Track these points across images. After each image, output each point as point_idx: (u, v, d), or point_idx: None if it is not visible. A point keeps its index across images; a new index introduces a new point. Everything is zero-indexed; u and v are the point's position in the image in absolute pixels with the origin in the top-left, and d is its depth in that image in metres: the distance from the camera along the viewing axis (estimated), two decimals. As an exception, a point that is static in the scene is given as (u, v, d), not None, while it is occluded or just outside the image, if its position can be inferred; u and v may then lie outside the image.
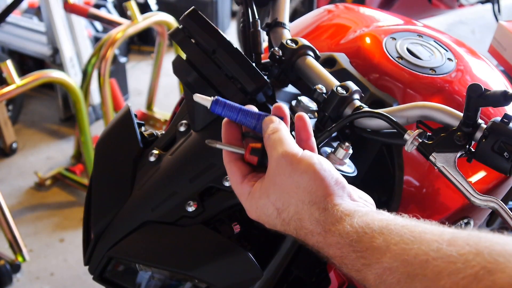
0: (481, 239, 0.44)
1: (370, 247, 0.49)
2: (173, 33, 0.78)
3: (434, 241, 0.46)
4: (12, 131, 2.75)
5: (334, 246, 0.52)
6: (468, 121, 0.68)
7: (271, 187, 0.58)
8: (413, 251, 0.46)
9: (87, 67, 2.41)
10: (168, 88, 3.32)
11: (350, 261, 0.51)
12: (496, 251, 0.42)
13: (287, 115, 0.65)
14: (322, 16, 1.19)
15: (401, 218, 0.52)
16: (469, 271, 0.41)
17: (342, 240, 0.52)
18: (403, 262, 0.46)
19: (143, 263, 0.79)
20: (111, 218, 0.79)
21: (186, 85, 0.77)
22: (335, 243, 0.52)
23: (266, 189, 0.58)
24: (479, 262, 0.41)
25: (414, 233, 0.48)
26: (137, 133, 0.83)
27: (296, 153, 0.57)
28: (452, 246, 0.44)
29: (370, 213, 0.53)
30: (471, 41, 3.75)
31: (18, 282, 2.10)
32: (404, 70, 0.96)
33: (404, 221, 0.51)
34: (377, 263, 0.48)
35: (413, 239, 0.47)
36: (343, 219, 0.53)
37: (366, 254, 0.49)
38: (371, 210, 0.55)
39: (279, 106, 0.65)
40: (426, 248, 0.46)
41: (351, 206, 0.55)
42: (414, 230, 0.49)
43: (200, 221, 0.76)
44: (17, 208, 2.46)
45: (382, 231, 0.50)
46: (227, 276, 0.74)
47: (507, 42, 1.44)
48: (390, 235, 0.49)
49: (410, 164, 0.91)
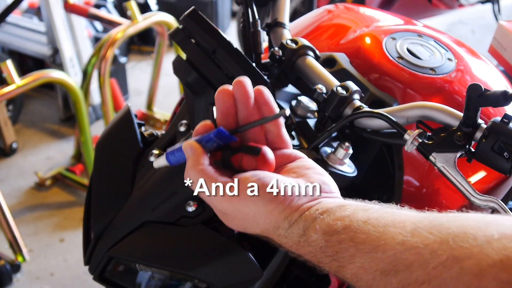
0: (444, 225, 0.44)
1: (340, 250, 0.50)
2: (173, 33, 0.78)
3: (398, 233, 0.46)
4: (12, 131, 2.75)
5: (308, 254, 0.53)
6: (468, 121, 0.68)
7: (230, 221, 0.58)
8: (380, 248, 0.47)
9: (87, 67, 2.41)
10: (168, 88, 3.32)
11: (326, 264, 0.51)
12: (459, 237, 0.42)
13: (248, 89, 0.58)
14: (322, 16, 1.19)
15: (362, 209, 0.51)
16: (437, 260, 0.42)
17: (312, 248, 0.52)
18: (373, 259, 0.47)
19: (143, 263, 0.79)
20: (111, 218, 0.79)
21: (186, 85, 0.77)
22: (308, 252, 0.53)
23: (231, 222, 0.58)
24: (445, 251, 0.42)
25: (377, 228, 0.48)
26: (137, 133, 0.83)
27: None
28: (416, 237, 0.45)
29: (331, 211, 0.52)
30: (471, 41, 3.75)
31: (18, 282, 2.10)
32: (404, 70, 0.96)
33: (365, 213, 0.50)
34: (350, 263, 0.49)
35: (378, 234, 0.47)
36: (308, 228, 0.52)
37: (338, 257, 0.50)
38: (331, 207, 0.53)
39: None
40: (392, 242, 0.46)
41: (312, 210, 0.53)
42: (377, 224, 0.49)
43: (200, 221, 0.75)
44: (17, 208, 2.46)
45: (347, 231, 0.49)
46: (227, 276, 0.74)
47: (507, 42, 1.44)
48: (356, 234, 0.49)
49: (410, 164, 0.91)
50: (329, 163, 0.74)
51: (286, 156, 0.60)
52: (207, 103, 0.77)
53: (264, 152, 0.56)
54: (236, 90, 0.58)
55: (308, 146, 0.76)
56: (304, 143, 0.77)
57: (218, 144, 0.57)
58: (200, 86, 0.76)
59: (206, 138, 0.57)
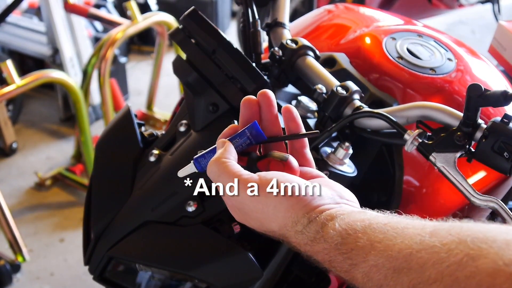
0: (463, 228, 0.44)
1: (355, 248, 0.50)
2: (173, 33, 0.78)
3: (417, 234, 0.46)
4: (12, 131, 2.75)
5: (321, 252, 0.53)
6: (468, 121, 0.68)
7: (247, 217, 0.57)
8: (396, 246, 0.47)
9: (87, 67, 2.41)
10: (168, 88, 3.32)
11: (338, 263, 0.52)
12: (479, 238, 0.42)
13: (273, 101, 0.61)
14: (322, 16, 1.19)
15: (383, 215, 0.52)
16: (452, 259, 0.42)
17: (327, 245, 0.52)
18: (388, 258, 0.47)
19: (143, 263, 0.79)
20: (111, 218, 0.79)
21: (186, 85, 0.77)
22: (322, 249, 0.53)
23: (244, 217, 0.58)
24: (462, 250, 0.42)
25: (396, 229, 0.48)
26: (137, 133, 0.83)
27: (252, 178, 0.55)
28: (435, 237, 0.45)
29: (352, 213, 0.53)
30: (471, 41, 3.75)
31: (18, 282, 2.10)
32: (404, 70, 0.96)
33: (386, 218, 0.51)
34: (363, 261, 0.49)
35: (396, 235, 0.48)
36: (326, 224, 0.53)
37: (352, 255, 0.50)
38: (352, 210, 0.55)
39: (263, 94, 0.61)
40: (409, 242, 0.46)
41: (332, 210, 0.54)
42: (396, 226, 0.49)
43: (200, 221, 0.76)
44: (17, 208, 2.46)
45: (366, 231, 0.50)
46: (227, 276, 0.74)
47: (507, 42, 1.44)
48: (374, 233, 0.49)
49: (410, 164, 0.91)
50: (329, 163, 0.74)
51: (308, 174, 0.61)
52: (207, 103, 0.77)
53: (291, 160, 0.58)
54: (262, 99, 0.61)
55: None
56: (304, 143, 0.77)
57: (249, 141, 0.59)
58: (200, 86, 0.76)
59: (240, 133, 0.59)
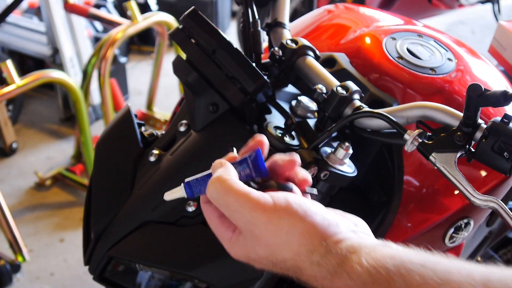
0: None
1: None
2: (173, 33, 0.78)
3: (466, 283, 0.41)
4: (12, 131, 2.75)
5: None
6: (468, 121, 0.68)
7: (255, 243, 0.52)
8: None
9: (87, 67, 2.41)
10: (168, 88, 3.32)
11: None
12: None
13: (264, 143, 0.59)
14: (322, 16, 1.19)
15: (414, 252, 0.47)
16: None
17: (352, 282, 0.46)
18: None
19: (143, 263, 0.79)
20: (111, 218, 0.79)
21: (186, 85, 0.77)
22: (344, 286, 0.47)
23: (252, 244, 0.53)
24: None
25: (437, 273, 0.43)
26: (137, 133, 0.83)
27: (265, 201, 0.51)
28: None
29: (377, 247, 0.48)
30: (471, 41, 3.76)
31: (18, 282, 2.10)
32: (404, 70, 0.96)
33: (419, 256, 0.46)
34: None
35: (439, 281, 0.42)
36: (349, 258, 0.47)
37: None
38: (377, 243, 0.49)
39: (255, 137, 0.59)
40: None
41: (354, 241, 0.49)
42: (436, 269, 0.43)
43: (200, 221, 0.75)
44: (17, 208, 2.46)
45: (400, 271, 0.44)
46: (227, 276, 0.74)
47: (507, 42, 1.44)
48: (410, 275, 0.44)
49: (410, 164, 0.91)
50: (329, 163, 0.74)
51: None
52: (207, 103, 0.77)
53: (295, 190, 0.57)
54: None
55: (308, 146, 0.76)
56: (304, 143, 0.77)
57: (249, 171, 0.57)
58: (200, 86, 0.76)
59: (240, 160, 0.57)
